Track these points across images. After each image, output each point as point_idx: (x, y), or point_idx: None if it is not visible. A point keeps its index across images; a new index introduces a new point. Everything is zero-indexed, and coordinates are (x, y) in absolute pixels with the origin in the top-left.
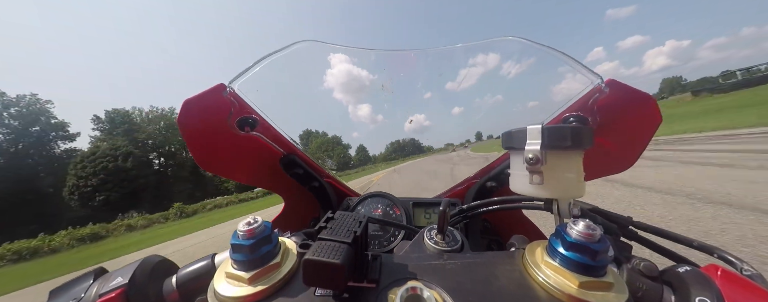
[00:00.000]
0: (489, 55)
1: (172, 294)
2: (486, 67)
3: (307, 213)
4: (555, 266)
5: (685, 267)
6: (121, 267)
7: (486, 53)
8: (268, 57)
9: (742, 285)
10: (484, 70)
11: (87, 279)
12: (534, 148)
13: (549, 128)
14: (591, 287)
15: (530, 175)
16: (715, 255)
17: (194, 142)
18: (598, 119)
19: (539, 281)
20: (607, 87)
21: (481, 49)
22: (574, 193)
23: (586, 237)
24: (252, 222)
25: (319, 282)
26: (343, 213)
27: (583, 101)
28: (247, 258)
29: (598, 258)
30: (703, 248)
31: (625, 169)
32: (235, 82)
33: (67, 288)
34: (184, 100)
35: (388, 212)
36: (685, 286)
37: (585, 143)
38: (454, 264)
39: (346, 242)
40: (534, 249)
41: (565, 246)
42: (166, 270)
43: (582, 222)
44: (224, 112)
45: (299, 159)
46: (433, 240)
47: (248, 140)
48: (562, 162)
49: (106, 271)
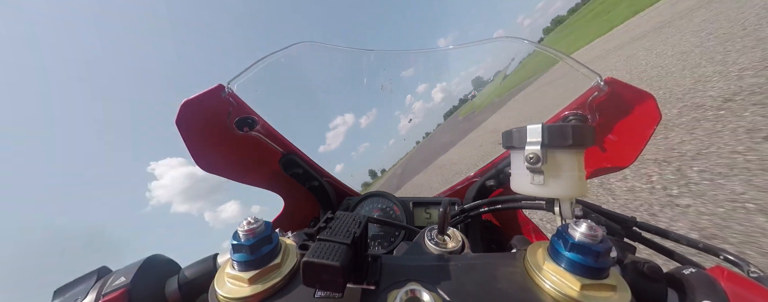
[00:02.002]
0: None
1: (174, 294)
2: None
3: (307, 212)
4: (557, 268)
5: (690, 269)
6: (124, 266)
7: (484, 53)
8: (267, 58)
9: (748, 288)
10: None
11: (90, 279)
12: (534, 147)
13: (550, 127)
14: (593, 289)
15: (531, 175)
16: (721, 256)
17: (193, 142)
18: (597, 117)
19: (541, 283)
20: (607, 85)
21: (481, 50)
22: (575, 193)
23: (589, 238)
24: (252, 222)
25: (319, 284)
26: (342, 214)
27: (582, 100)
28: (247, 259)
29: (600, 259)
30: (708, 249)
31: (624, 167)
32: (234, 82)
33: (70, 288)
34: (183, 101)
35: (388, 212)
36: (690, 289)
37: (586, 141)
38: (454, 266)
39: (345, 243)
40: (535, 251)
41: (567, 247)
42: (168, 270)
43: (584, 222)
44: (223, 112)
45: (299, 158)
46: (434, 241)
47: (247, 140)
48: (564, 161)
49: (110, 271)
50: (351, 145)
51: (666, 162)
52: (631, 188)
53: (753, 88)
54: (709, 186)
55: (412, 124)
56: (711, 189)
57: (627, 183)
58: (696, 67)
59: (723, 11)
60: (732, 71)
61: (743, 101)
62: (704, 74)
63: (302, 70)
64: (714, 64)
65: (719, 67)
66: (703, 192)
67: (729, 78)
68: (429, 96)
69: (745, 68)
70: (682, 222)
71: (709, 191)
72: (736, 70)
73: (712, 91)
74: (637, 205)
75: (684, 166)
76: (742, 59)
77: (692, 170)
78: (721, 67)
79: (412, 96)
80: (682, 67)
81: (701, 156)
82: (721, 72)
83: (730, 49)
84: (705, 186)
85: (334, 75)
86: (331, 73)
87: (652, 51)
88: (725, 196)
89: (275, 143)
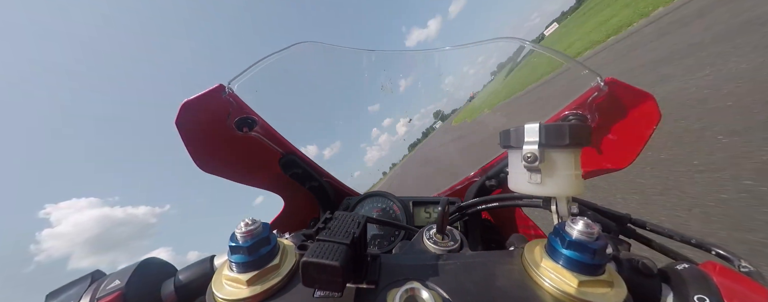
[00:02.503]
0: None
1: (170, 296)
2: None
3: (307, 213)
4: (554, 265)
5: (684, 265)
6: (118, 269)
7: (484, 54)
8: (267, 58)
9: (739, 282)
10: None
11: (84, 283)
12: (532, 147)
13: (547, 126)
14: (590, 286)
15: (528, 174)
16: (713, 252)
17: (193, 143)
18: (597, 117)
19: (538, 280)
20: (607, 85)
21: (480, 50)
22: (572, 191)
23: (585, 236)
24: (250, 224)
25: (318, 284)
26: (341, 214)
27: (582, 99)
28: (245, 260)
29: (597, 256)
30: (701, 245)
31: (623, 167)
32: (234, 82)
33: (63, 291)
34: (183, 102)
35: (388, 211)
36: (684, 284)
37: (583, 141)
38: (453, 264)
39: (344, 243)
40: (533, 248)
41: (564, 244)
42: (164, 273)
43: (581, 220)
44: (223, 113)
45: (298, 159)
46: (433, 240)
47: (247, 140)
48: (561, 161)
49: (104, 274)
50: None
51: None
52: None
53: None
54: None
55: (378, 155)
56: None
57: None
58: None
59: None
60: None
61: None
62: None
63: (302, 70)
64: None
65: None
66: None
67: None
68: (393, 129)
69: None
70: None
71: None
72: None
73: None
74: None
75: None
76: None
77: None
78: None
79: (377, 129)
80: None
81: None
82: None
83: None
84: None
85: (334, 75)
86: (331, 74)
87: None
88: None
89: (275, 143)
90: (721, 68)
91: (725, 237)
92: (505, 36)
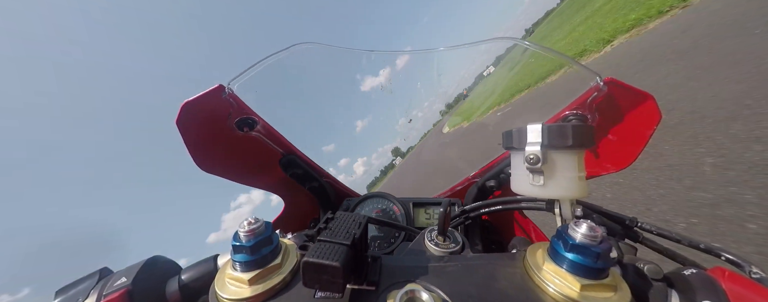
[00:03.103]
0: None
1: (174, 295)
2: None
3: (307, 213)
4: (556, 268)
5: (691, 270)
6: (125, 267)
7: (483, 54)
8: (268, 58)
9: (749, 289)
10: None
11: (92, 279)
12: (534, 148)
13: (550, 127)
14: (593, 290)
15: (531, 175)
16: (723, 257)
17: (193, 143)
18: (597, 117)
19: (540, 283)
20: (606, 85)
21: (480, 50)
22: (576, 193)
23: (589, 239)
24: (253, 223)
25: (319, 284)
26: (342, 214)
27: (582, 100)
28: (247, 260)
29: (600, 260)
30: (710, 250)
31: (624, 167)
32: (234, 83)
33: (72, 287)
34: (184, 102)
35: (389, 212)
36: (691, 289)
37: (586, 142)
38: (454, 266)
39: (345, 244)
40: (535, 251)
41: (567, 248)
42: (169, 271)
43: (584, 223)
44: (223, 113)
45: (298, 159)
46: (434, 242)
47: (247, 140)
48: (564, 162)
49: (111, 271)
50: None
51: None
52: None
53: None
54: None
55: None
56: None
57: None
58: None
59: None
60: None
61: None
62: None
63: (302, 70)
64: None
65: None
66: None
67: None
68: (351, 169)
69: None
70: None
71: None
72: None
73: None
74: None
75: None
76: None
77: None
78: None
79: (334, 169)
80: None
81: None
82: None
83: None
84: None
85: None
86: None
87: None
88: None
89: (275, 144)
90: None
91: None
92: (503, 36)
